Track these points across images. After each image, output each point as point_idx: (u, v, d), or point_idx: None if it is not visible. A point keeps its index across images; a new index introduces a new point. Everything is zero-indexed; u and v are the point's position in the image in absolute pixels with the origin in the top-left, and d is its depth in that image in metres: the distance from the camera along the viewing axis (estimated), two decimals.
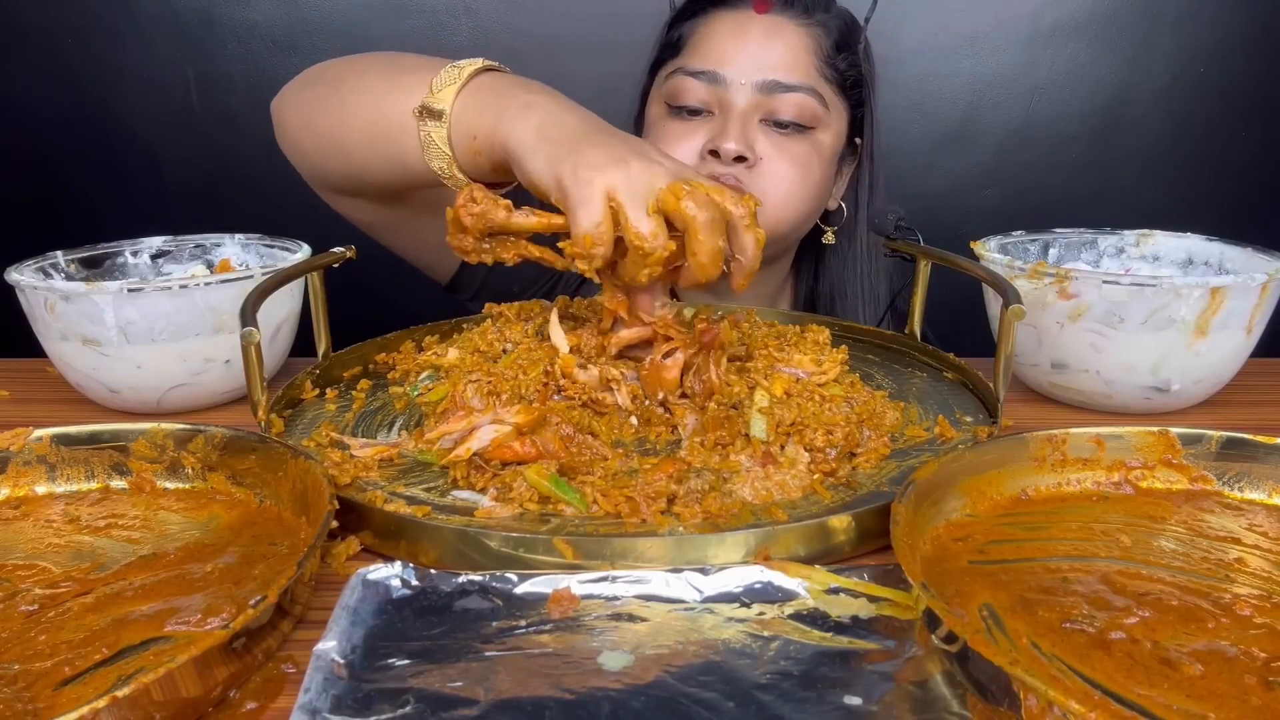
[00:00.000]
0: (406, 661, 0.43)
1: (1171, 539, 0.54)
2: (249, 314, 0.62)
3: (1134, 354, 0.74)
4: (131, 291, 0.72)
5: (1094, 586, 0.48)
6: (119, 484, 0.61)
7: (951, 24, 1.62)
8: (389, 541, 0.55)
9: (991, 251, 0.82)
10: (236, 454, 0.59)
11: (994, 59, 1.63)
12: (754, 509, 0.56)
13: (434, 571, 0.49)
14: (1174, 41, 1.61)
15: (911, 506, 0.51)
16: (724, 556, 0.52)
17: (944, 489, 0.55)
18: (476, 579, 0.48)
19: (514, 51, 0.78)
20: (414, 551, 0.54)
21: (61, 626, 0.45)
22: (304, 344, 0.83)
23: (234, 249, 0.90)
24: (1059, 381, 0.79)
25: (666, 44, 1.01)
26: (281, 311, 0.80)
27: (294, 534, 0.53)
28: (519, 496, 0.56)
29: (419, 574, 0.49)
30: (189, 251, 0.90)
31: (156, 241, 0.89)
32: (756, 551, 0.52)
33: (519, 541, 0.52)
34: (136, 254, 0.88)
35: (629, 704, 0.40)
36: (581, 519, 0.55)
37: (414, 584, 0.48)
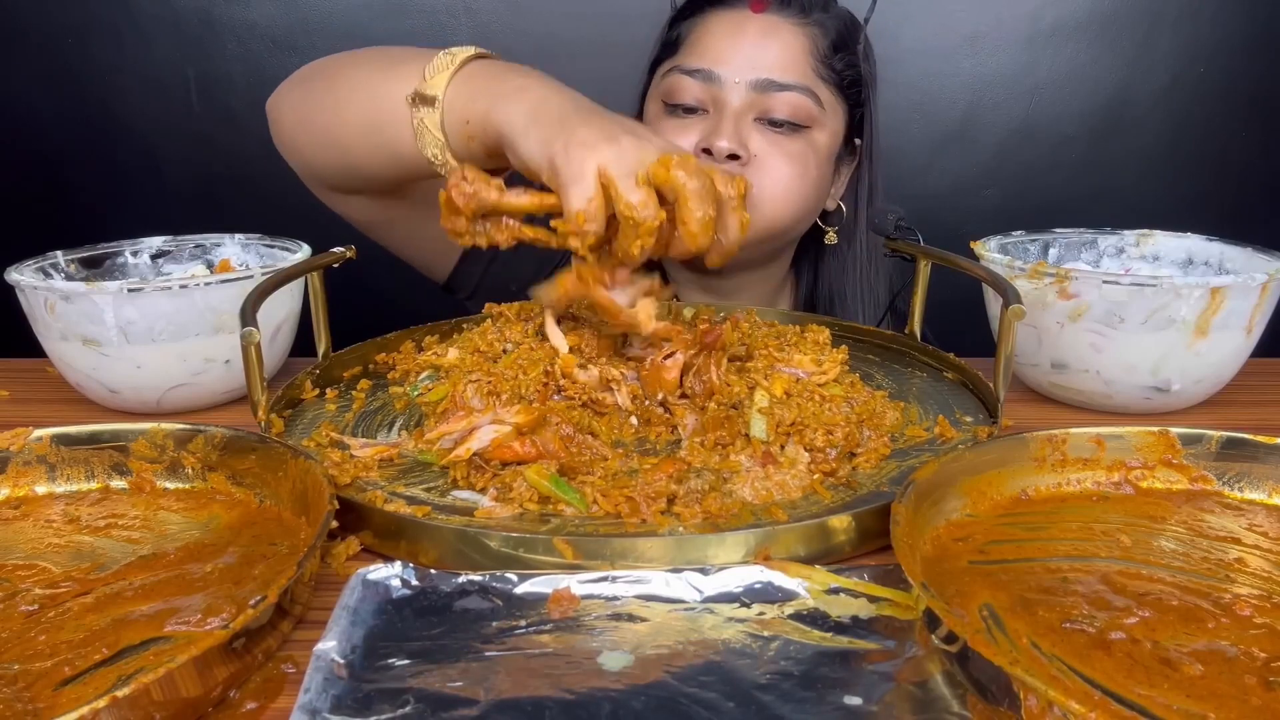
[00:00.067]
0: (406, 661, 0.43)
1: (1171, 539, 0.54)
2: (249, 314, 0.62)
3: (1134, 354, 0.74)
4: (131, 291, 0.72)
5: (1094, 586, 0.48)
6: (119, 484, 0.61)
7: (951, 24, 1.61)
8: (389, 541, 0.55)
9: (991, 251, 0.82)
10: (236, 454, 0.59)
11: (994, 59, 1.63)
12: (754, 509, 0.56)
13: (434, 571, 0.49)
14: (1174, 41, 1.61)
15: (911, 506, 0.51)
16: (724, 556, 0.52)
17: (944, 489, 0.55)
18: (476, 579, 0.48)
19: (514, 51, 0.78)
20: (414, 551, 0.54)
21: (61, 626, 0.45)
22: (304, 344, 0.83)
23: (234, 249, 0.91)
24: (1059, 381, 0.79)
25: (665, 43, 1.01)
26: (281, 311, 0.80)
27: (294, 534, 0.53)
28: (519, 496, 0.56)
29: (419, 574, 0.49)
30: (189, 251, 0.90)
31: (156, 241, 0.89)
32: (756, 551, 0.52)
33: (519, 541, 0.52)
34: (136, 254, 0.88)
35: (629, 704, 0.40)
36: (581, 519, 0.55)
37: (414, 584, 0.48)
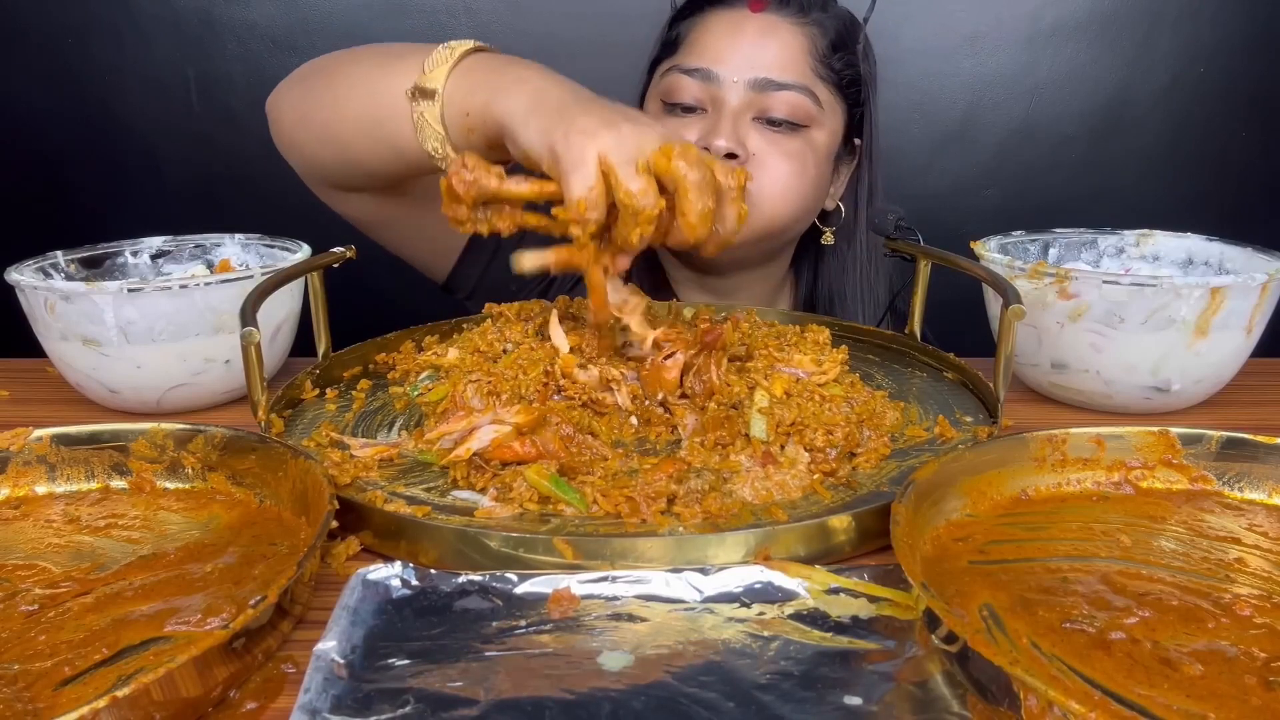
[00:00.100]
0: (406, 661, 0.43)
1: (1171, 539, 0.54)
2: (249, 314, 0.62)
3: (1134, 354, 0.74)
4: (131, 291, 0.72)
5: (1094, 586, 0.48)
6: (119, 484, 0.61)
7: (951, 24, 1.61)
8: (389, 541, 0.55)
9: (991, 251, 0.82)
10: (236, 454, 0.59)
11: (994, 59, 1.63)
12: (754, 509, 0.56)
13: (434, 571, 0.49)
14: (1174, 41, 1.61)
15: (911, 506, 0.51)
16: (724, 556, 0.52)
17: (944, 489, 0.55)
18: (476, 579, 0.48)
19: (514, 51, 0.78)
20: (414, 551, 0.54)
21: (61, 626, 0.45)
22: (304, 344, 0.83)
23: (234, 249, 0.90)
24: (1059, 381, 0.79)
25: (665, 42, 1.01)
26: (281, 311, 0.80)
27: (294, 534, 0.53)
28: (519, 496, 0.56)
29: (419, 574, 0.49)
30: (189, 251, 0.90)
31: (156, 241, 0.89)
32: (756, 551, 0.52)
33: (519, 541, 0.52)
34: (136, 254, 0.88)
35: (629, 704, 0.40)
36: (581, 519, 0.55)
37: (414, 584, 0.48)
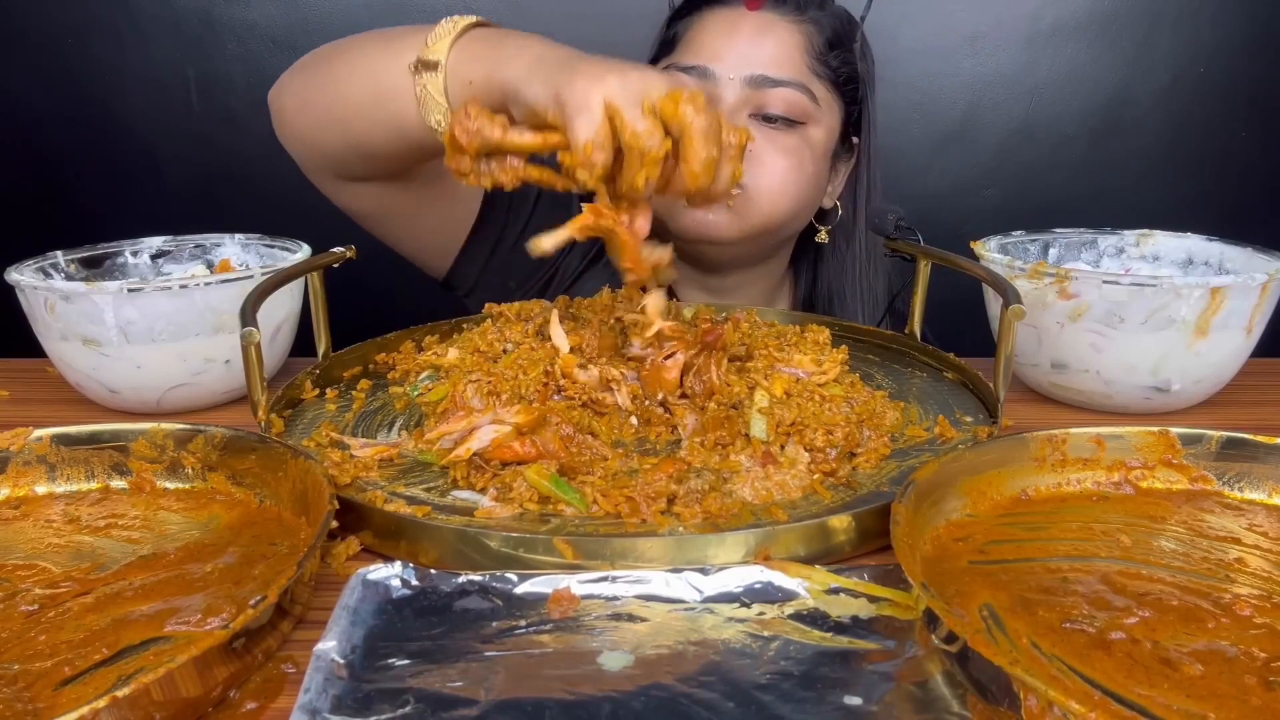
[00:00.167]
0: (406, 661, 0.43)
1: (1171, 539, 0.54)
2: (249, 314, 0.62)
3: (1134, 354, 0.74)
4: (131, 291, 0.72)
5: (1094, 586, 0.48)
6: (119, 484, 0.61)
7: (951, 24, 1.61)
8: (389, 541, 0.55)
9: (991, 251, 0.82)
10: (236, 454, 0.59)
11: (994, 59, 1.63)
12: (754, 509, 0.56)
13: (434, 571, 0.49)
14: (1174, 41, 1.61)
15: (911, 506, 0.51)
16: (724, 556, 0.52)
17: (944, 489, 0.55)
18: (476, 579, 0.48)
19: None
20: (414, 551, 0.54)
21: (61, 626, 0.45)
22: (304, 344, 0.83)
23: (234, 249, 0.91)
24: (1059, 381, 0.79)
25: (663, 42, 1.02)
26: (281, 311, 0.80)
27: (294, 534, 0.53)
28: (519, 496, 0.56)
29: (419, 574, 0.49)
30: (189, 251, 0.90)
31: (156, 241, 0.89)
32: (756, 551, 0.52)
33: (519, 541, 0.52)
34: (136, 254, 0.88)
35: (629, 704, 0.40)
36: (581, 519, 0.55)
37: (414, 584, 0.48)
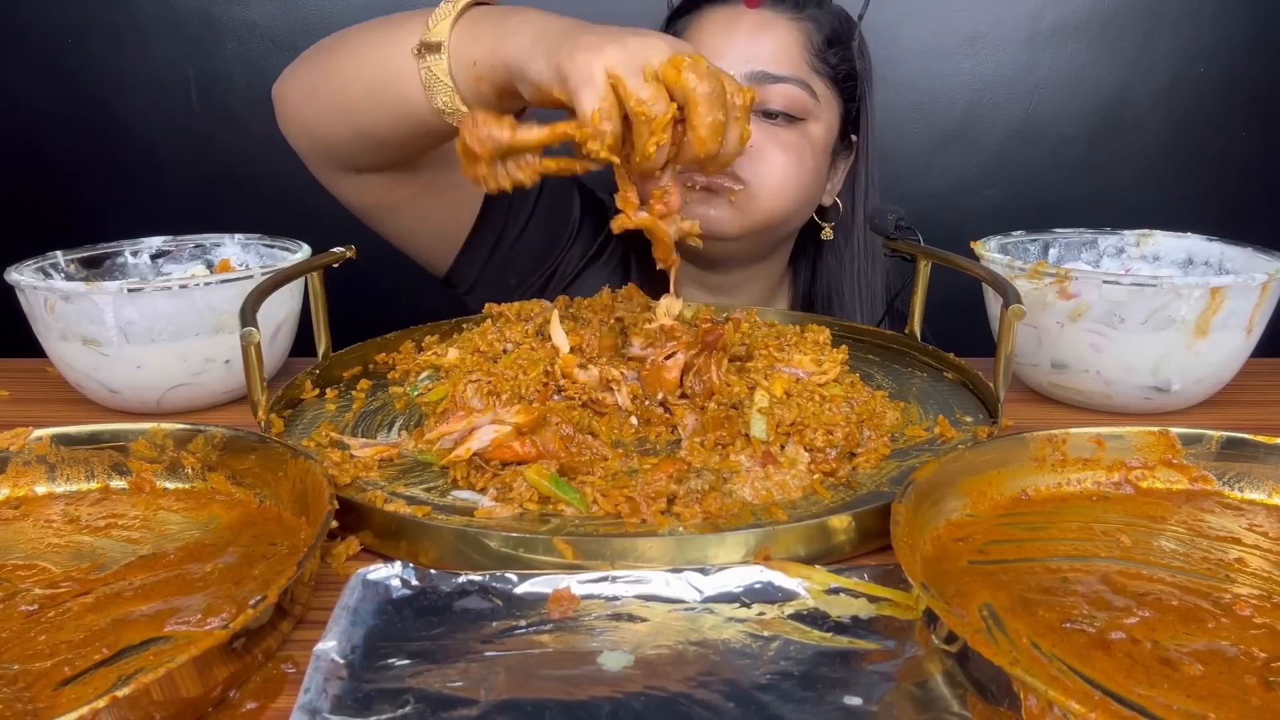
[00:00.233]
0: (406, 661, 0.43)
1: (1171, 539, 0.54)
2: (249, 314, 0.62)
3: (1134, 354, 0.74)
4: (131, 291, 0.72)
5: (1094, 586, 0.48)
6: (119, 484, 0.61)
7: (951, 24, 1.61)
8: (389, 541, 0.55)
9: (991, 251, 0.82)
10: (236, 454, 0.59)
11: (994, 59, 1.63)
12: (754, 509, 0.56)
13: (434, 571, 0.49)
14: (1174, 41, 1.61)
15: (911, 506, 0.51)
16: (724, 556, 0.52)
17: (944, 489, 0.55)
18: (476, 579, 0.48)
19: None
20: (414, 551, 0.54)
21: (61, 626, 0.45)
22: (304, 344, 0.83)
23: (234, 249, 0.91)
24: (1059, 381, 0.79)
25: None
26: (281, 311, 0.80)
27: (294, 534, 0.53)
28: (519, 496, 0.56)
29: (419, 574, 0.49)
30: (189, 251, 0.90)
31: (156, 241, 0.89)
32: (756, 551, 0.52)
33: (519, 541, 0.52)
34: (136, 254, 0.88)
35: (629, 704, 0.40)
36: (581, 519, 0.55)
37: (414, 584, 0.48)
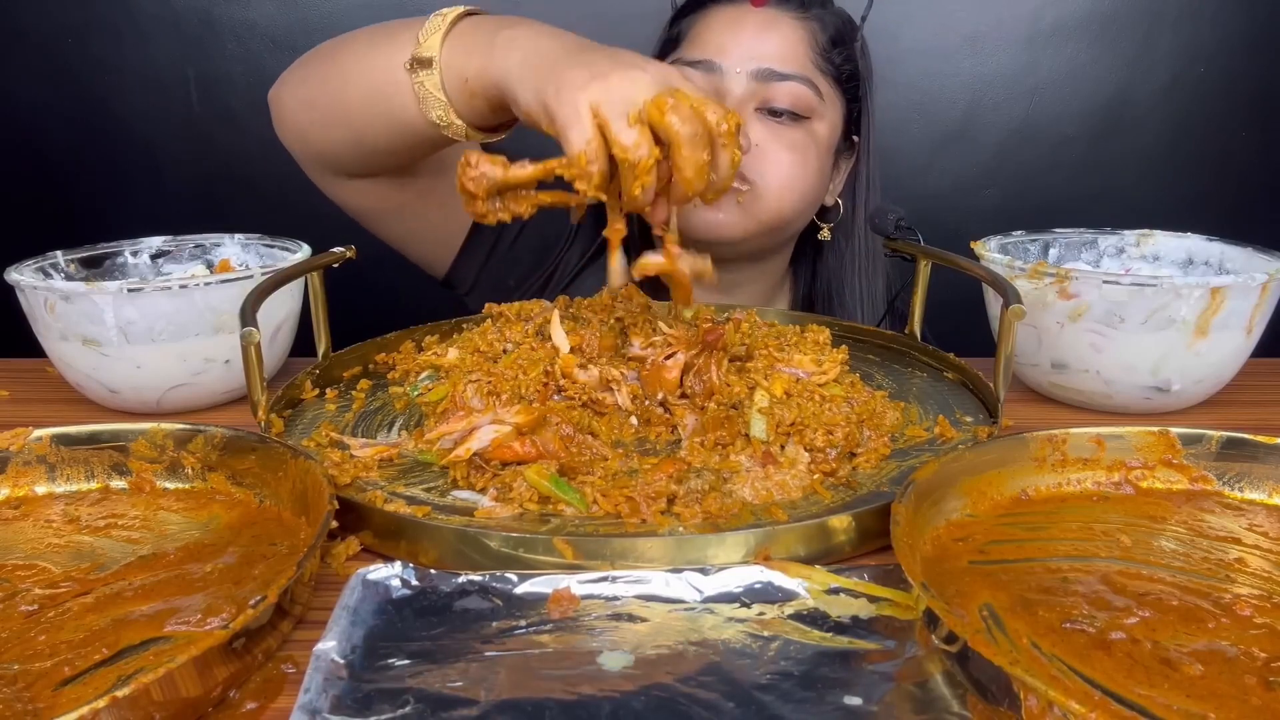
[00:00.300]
0: (406, 661, 0.43)
1: (1171, 539, 0.54)
2: (249, 314, 0.62)
3: (1134, 354, 0.74)
4: (131, 291, 0.72)
5: (1094, 586, 0.48)
6: (119, 484, 0.61)
7: (951, 24, 1.61)
8: (389, 541, 0.55)
9: (991, 251, 0.82)
10: (236, 454, 0.59)
11: (994, 59, 1.63)
12: (754, 509, 0.56)
13: (434, 571, 0.49)
14: (1174, 41, 1.61)
15: (911, 506, 0.51)
16: (724, 556, 0.52)
17: (944, 489, 0.55)
18: (476, 579, 0.48)
19: None
20: (414, 551, 0.54)
21: (61, 626, 0.45)
22: (304, 344, 0.83)
23: (234, 249, 0.90)
24: (1059, 381, 0.79)
25: (667, 40, 1.02)
26: (281, 311, 0.80)
27: (294, 534, 0.53)
28: (519, 496, 0.56)
29: (419, 574, 0.49)
30: (189, 251, 0.90)
31: (156, 241, 0.89)
32: (756, 551, 0.52)
33: (519, 541, 0.52)
34: (136, 254, 0.88)
35: (629, 704, 0.40)
36: (581, 519, 0.55)
37: (414, 584, 0.48)
